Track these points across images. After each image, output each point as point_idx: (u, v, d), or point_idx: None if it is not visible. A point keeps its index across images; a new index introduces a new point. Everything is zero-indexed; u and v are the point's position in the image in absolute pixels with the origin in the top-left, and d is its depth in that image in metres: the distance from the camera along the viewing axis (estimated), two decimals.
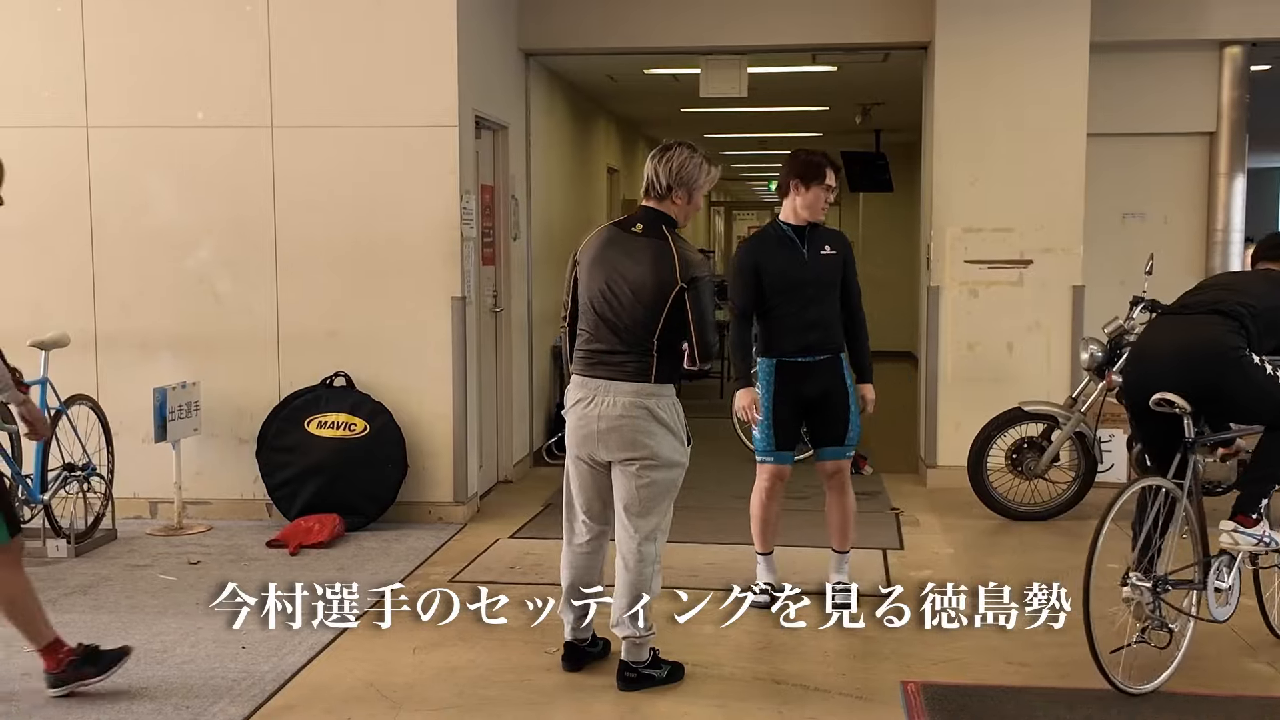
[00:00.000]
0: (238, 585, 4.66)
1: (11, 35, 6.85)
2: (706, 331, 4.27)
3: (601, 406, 4.28)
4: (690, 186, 4.34)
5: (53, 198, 6.86)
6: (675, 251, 4.25)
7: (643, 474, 4.30)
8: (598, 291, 4.31)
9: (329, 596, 4.68)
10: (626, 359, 4.27)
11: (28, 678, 4.47)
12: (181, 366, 6.92)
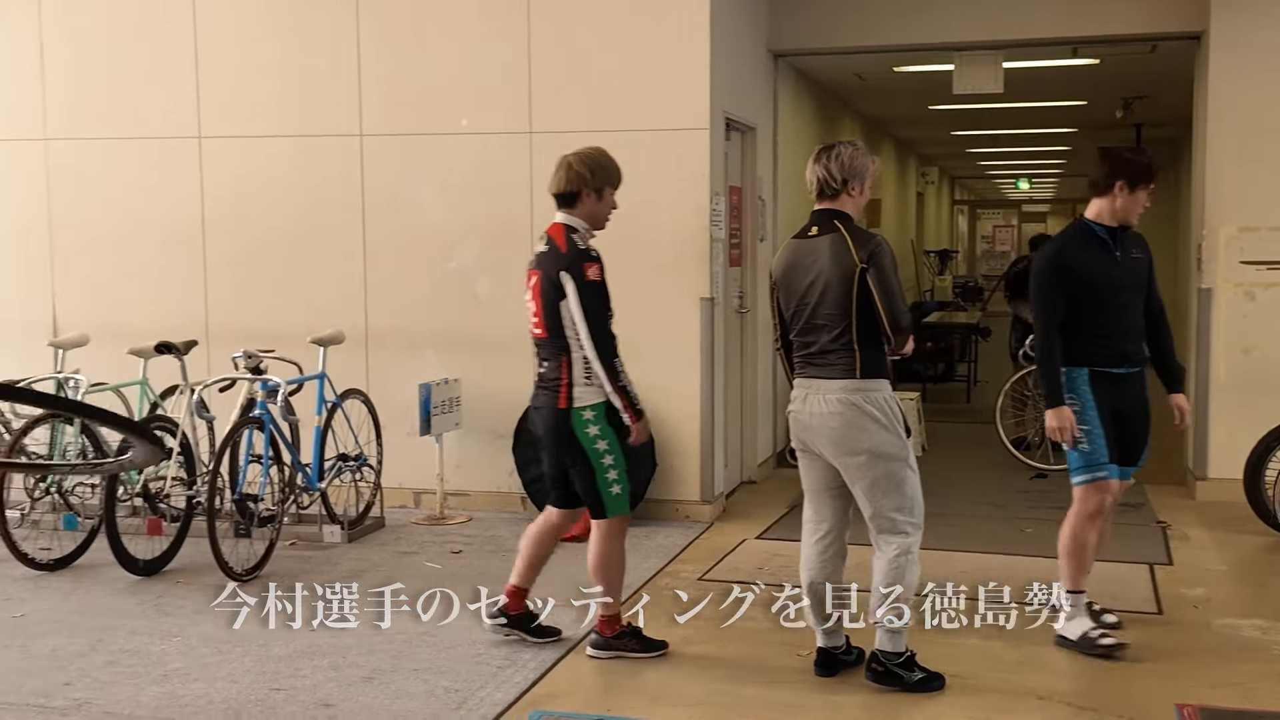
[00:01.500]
0: (497, 579, 4.84)
1: (300, 53, 7.29)
2: (894, 304, 4.25)
3: (812, 404, 4.34)
4: (862, 178, 4.40)
5: (328, 202, 7.29)
6: (847, 236, 4.31)
7: (863, 471, 4.30)
8: (795, 300, 4.40)
9: (587, 591, 4.80)
10: (832, 357, 4.31)
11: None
12: (444, 363, 7.22)
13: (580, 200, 4.66)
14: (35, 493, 6.21)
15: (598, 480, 4.62)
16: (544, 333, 4.64)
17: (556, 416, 4.60)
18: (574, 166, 4.67)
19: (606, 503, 4.65)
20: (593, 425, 4.56)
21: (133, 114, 7.44)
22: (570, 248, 4.57)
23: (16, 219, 7.63)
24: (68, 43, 7.47)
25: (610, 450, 4.60)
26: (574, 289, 4.51)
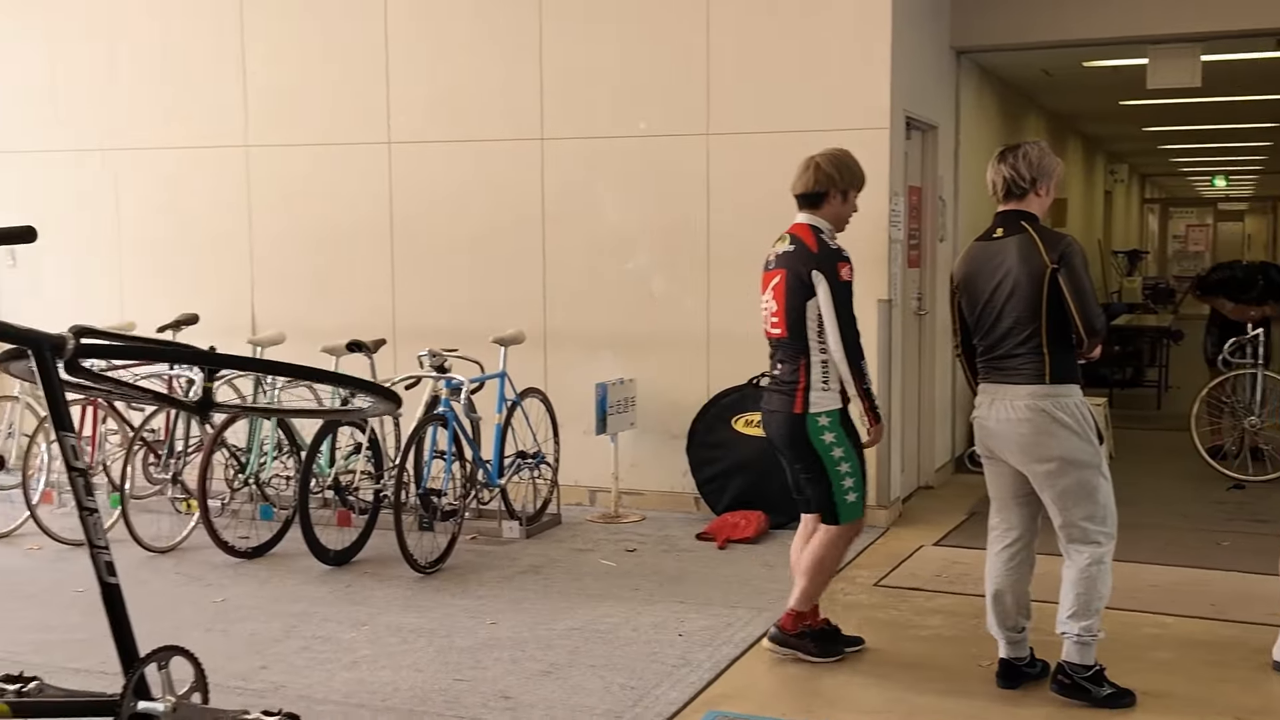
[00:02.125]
0: (670, 578, 4.87)
1: (482, 59, 7.47)
2: (1087, 304, 4.12)
3: (999, 410, 4.23)
4: (1050, 177, 4.30)
5: (510, 205, 7.45)
6: (1036, 237, 4.19)
7: (1053, 478, 4.17)
8: (980, 304, 4.30)
9: (765, 588, 4.79)
10: (1020, 361, 4.19)
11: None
12: (620, 363, 7.30)
13: (826, 201, 4.59)
14: (235, 484, 6.52)
15: (832, 487, 4.52)
16: (784, 332, 4.53)
17: (791, 422, 4.50)
18: (822, 167, 4.59)
19: (840, 510, 4.55)
20: (828, 432, 4.46)
21: (328, 120, 7.74)
22: (821, 247, 4.49)
23: (219, 222, 8.02)
24: (268, 51, 7.82)
25: (846, 457, 4.50)
26: (826, 288, 4.41)
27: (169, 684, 2.36)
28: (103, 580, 2.29)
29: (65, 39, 8.19)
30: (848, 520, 4.58)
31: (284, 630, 5.11)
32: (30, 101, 8.33)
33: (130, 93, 8.10)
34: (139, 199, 8.16)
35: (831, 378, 4.48)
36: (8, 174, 8.40)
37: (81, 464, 2.40)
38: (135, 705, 2.28)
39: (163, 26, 8.01)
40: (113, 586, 2.32)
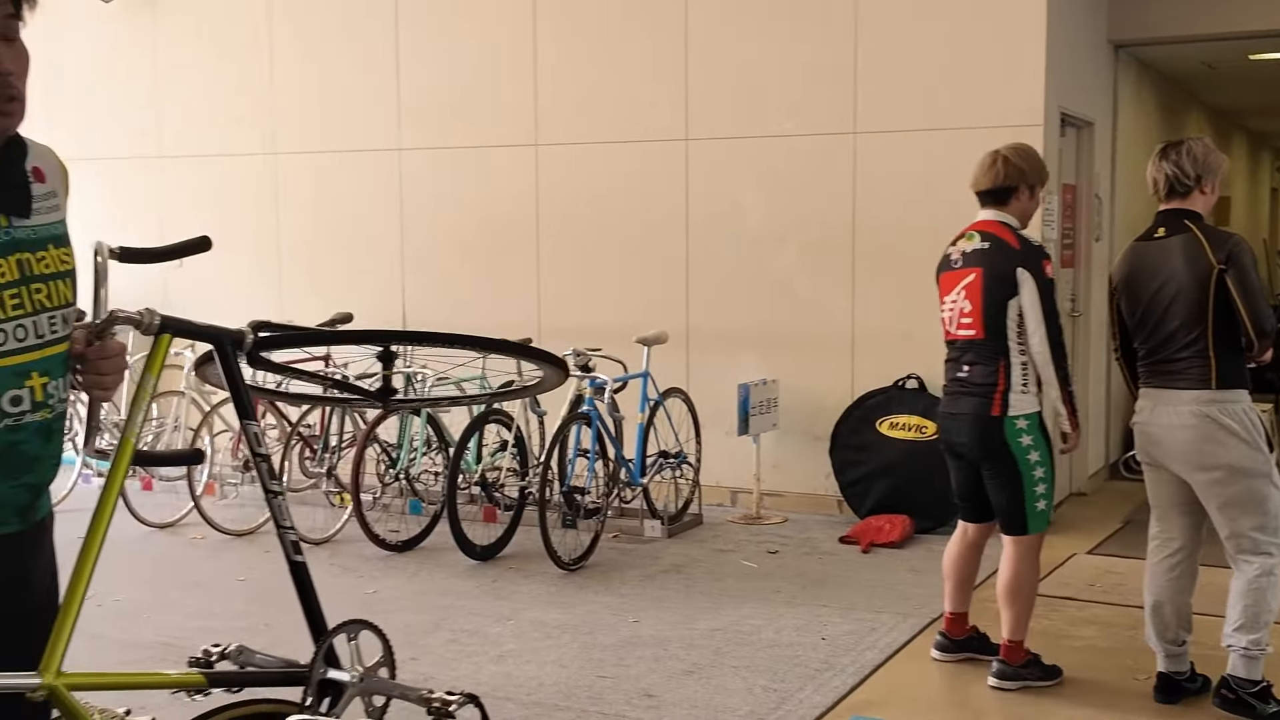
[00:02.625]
0: (813, 581, 4.83)
1: (625, 59, 7.52)
2: (1257, 305, 3.95)
3: (1161, 416, 4.09)
4: (1215, 174, 4.14)
5: (654, 205, 7.48)
6: (1201, 236, 4.04)
7: (1219, 487, 4.02)
8: (1141, 306, 4.16)
9: (910, 593, 4.72)
10: (1184, 365, 4.04)
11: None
12: (762, 364, 7.27)
13: (1015, 196, 4.42)
14: (385, 479, 6.69)
15: (1025, 493, 4.33)
16: (980, 333, 4.32)
17: (987, 424, 4.30)
18: (1011, 160, 4.41)
19: (1030, 518, 4.36)
20: (1026, 435, 4.29)
21: (477, 124, 7.88)
22: (1024, 243, 4.33)
23: (372, 224, 8.24)
24: (420, 56, 8.00)
25: (1041, 462, 4.33)
26: (1033, 286, 4.23)
27: (358, 656, 2.44)
28: (290, 558, 2.43)
29: (231, 48, 8.50)
30: (1035, 530, 4.38)
31: (433, 623, 5.22)
32: (197, 108, 8.66)
33: (290, 99, 8.37)
34: (297, 201, 8.44)
35: (1030, 380, 4.30)
36: (176, 177, 8.76)
37: (265, 450, 2.53)
38: (325, 672, 2.36)
39: (319, 34, 8.26)
40: (300, 564, 2.46)
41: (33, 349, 1.94)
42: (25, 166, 1.99)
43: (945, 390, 4.53)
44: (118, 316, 2.15)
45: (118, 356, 2.11)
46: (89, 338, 2.07)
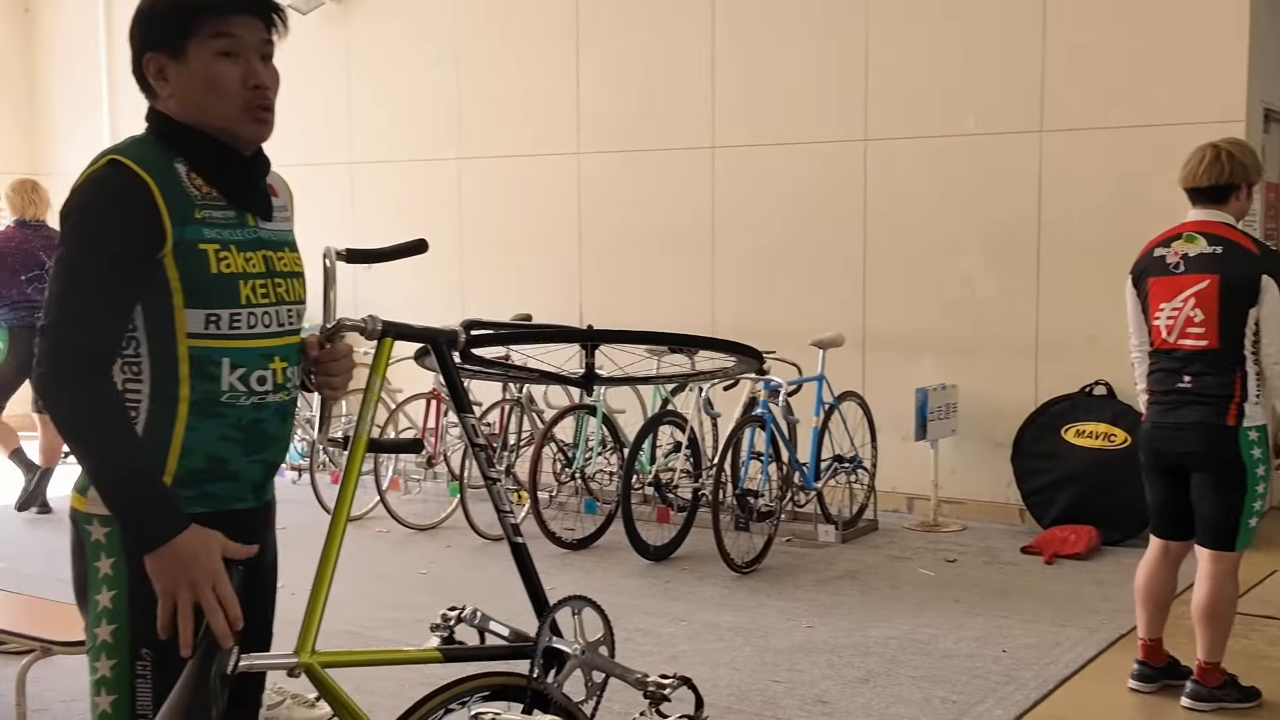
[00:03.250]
0: (993, 591, 4.69)
1: (808, 58, 7.47)
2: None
3: None
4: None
5: (832, 206, 7.40)
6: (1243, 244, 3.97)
7: None
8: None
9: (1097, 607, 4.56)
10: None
11: None
12: (941, 368, 7.13)
13: (1235, 195, 4.18)
14: (562, 477, 6.80)
15: (1244, 506, 4.13)
16: (1215, 343, 4.08)
17: (1220, 434, 4.09)
18: (1236, 156, 4.16)
19: (1241, 533, 4.17)
20: (1257, 447, 4.10)
21: (653, 127, 7.94)
22: (1262, 248, 4.13)
23: (551, 226, 8.38)
24: (599, 62, 8.11)
25: (1265, 477, 4.14)
26: (1275, 294, 4.01)
27: (581, 631, 2.51)
28: (511, 540, 2.56)
29: (419, 58, 8.76)
30: (1242, 545, 4.17)
31: None
32: (387, 115, 8.96)
33: (474, 106, 8.59)
34: (480, 204, 8.64)
35: (1264, 391, 4.09)
36: (367, 182, 9.08)
37: (482, 441, 2.65)
38: (549, 640, 2.47)
39: (503, 42, 8.44)
40: (520, 545, 2.57)
41: (275, 335, 2.18)
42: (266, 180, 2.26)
43: (1158, 400, 4.24)
44: (344, 324, 2.33)
45: (345, 358, 2.32)
46: (320, 342, 2.29)
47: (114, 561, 2.10)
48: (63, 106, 10.47)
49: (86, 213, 2.05)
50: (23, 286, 7.16)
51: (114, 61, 10.03)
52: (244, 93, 2.14)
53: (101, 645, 2.11)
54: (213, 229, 2.11)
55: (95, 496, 2.09)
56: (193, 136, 2.14)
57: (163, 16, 2.12)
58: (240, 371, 2.12)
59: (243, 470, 2.18)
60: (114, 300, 2.03)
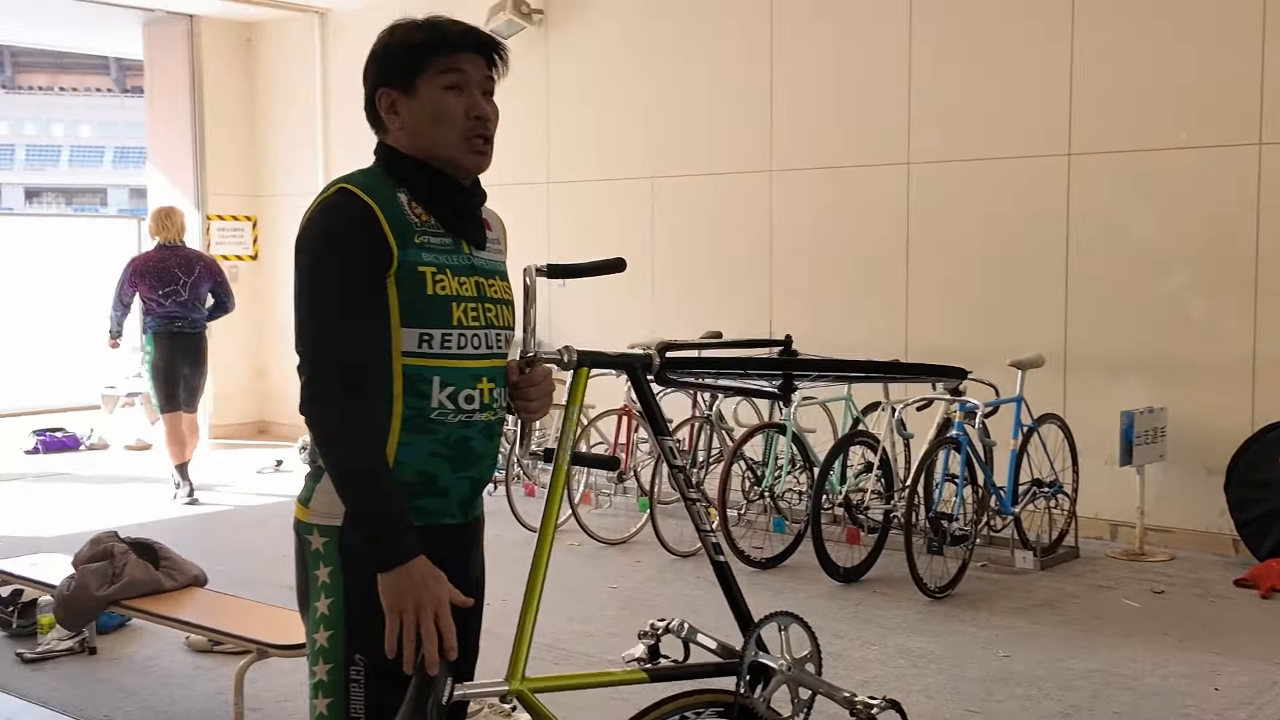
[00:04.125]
0: (1203, 625, 4.47)
1: (1004, 71, 7.30)
2: None
3: None
4: None
5: (1032, 223, 7.19)
6: None
7: None
8: None
9: None
10: None
11: None
12: (1148, 390, 6.84)
13: None
14: (750, 495, 6.79)
15: None
16: None
17: None
18: None
19: None
20: None
21: (847, 143, 7.87)
22: None
23: (742, 244, 8.38)
24: (791, 80, 8.09)
25: None
26: None
27: (787, 647, 2.53)
28: (713, 559, 2.57)
29: (613, 78, 8.92)
30: None
31: None
32: (582, 135, 9.14)
33: (667, 124, 8.68)
34: (671, 223, 8.72)
35: None
36: (562, 201, 9.28)
37: (680, 462, 2.67)
38: (755, 654, 2.49)
39: (694, 59, 8.51)
40: (722, 564, 2.58)
41: (483, 357, 2.29)
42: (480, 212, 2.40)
43: None
44: (541, 355, 2.41)
45: (544, 383, 2.41)
46: (519, 367, 2.38)
47: (331, 570, 2.22)
48: (279, 131, 11.04)
49: (324, 238, 2.19)
50: (161, 299, 8.15)
51: (328, 90, 10.54)
52: (466, 123, 2.28)
53: (319, 650, 2.22)
54: (430, 253, 2.23)
55: (317, 507, 2.23)
56: (416, 167, 2.28)
57: (396, 55, 2.29)
58: (449, 390, 2.22)
59: (451, 486, 2.28)
60: (365, 318, 2.16)
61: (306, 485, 2.28)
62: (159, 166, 11.21)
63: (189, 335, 8.24)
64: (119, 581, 4.66)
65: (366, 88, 2.33)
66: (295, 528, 2.30)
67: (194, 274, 8.23)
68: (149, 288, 8.16)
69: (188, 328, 8.21)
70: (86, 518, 7.71)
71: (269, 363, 11.22)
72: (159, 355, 8.20)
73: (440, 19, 2.32)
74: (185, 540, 6.12)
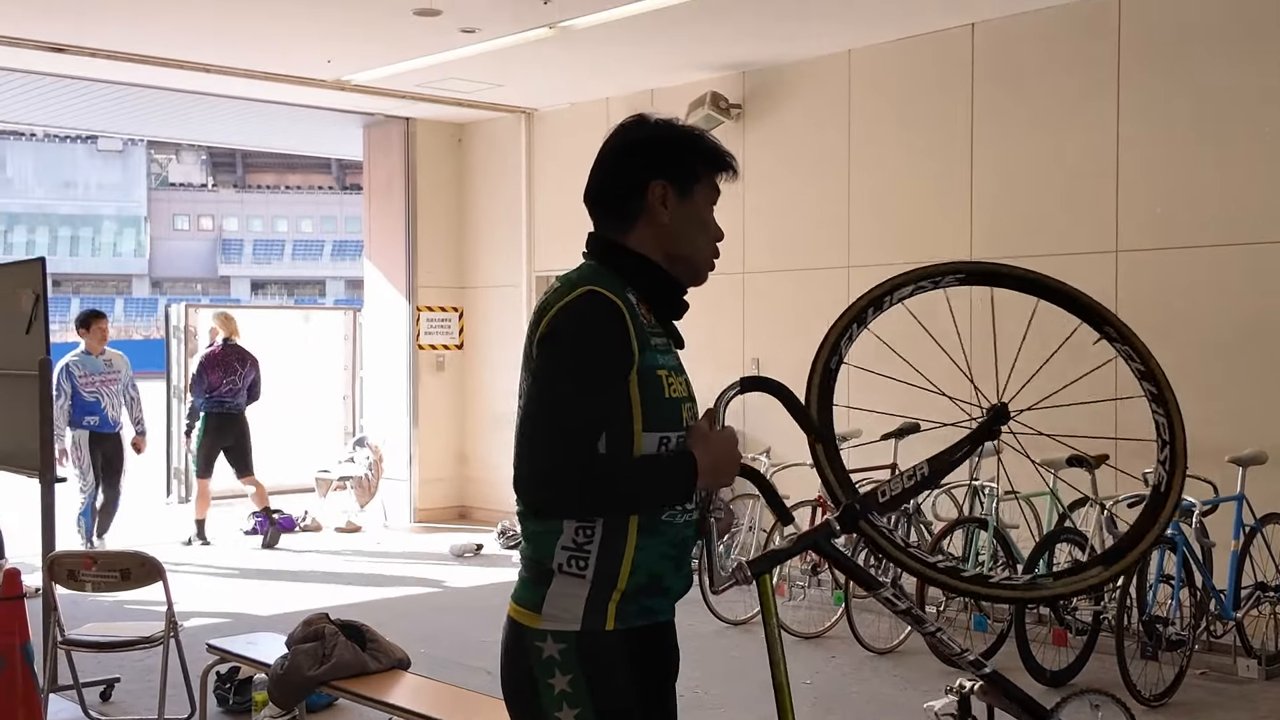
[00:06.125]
0: None
1: (1230, 159, 7.04)
2: None
3: None
4: None
5: (1254, 309, 6.86)
6: None
7: None
8: None
9: None
10: None
11: None
12: None
13: None
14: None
15: None
16: None
17: None
18: None
19: None
20: None
21: (1048, 230, 7.69)
22: None
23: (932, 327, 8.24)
24: (993, 164, 7.99)
25: None
26: None
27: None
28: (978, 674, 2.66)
29: (809, 171, 8.98)
30: None
31: None
32: (777, 225, 9.21)
33: (862, 214, 8.66)
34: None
35: None
36: (761, 290, 9.33)
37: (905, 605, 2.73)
38: None
39: (889, 150, 8.49)
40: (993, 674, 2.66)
41: None
42: None
43: None
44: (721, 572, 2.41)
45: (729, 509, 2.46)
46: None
47: (572, 679, 2.21)
48: (485, 225, 11.47)
49: (575, 339, 2.22)
50: (220, 386, 10.03)
51: (532, 186, 10.91)
52: (714, 241, 2.45)
53: None
54: (661, 355, 2.30)
55: (551, 613, 2.23)
56: (648, 267, 2.35)
57: (680, 156, 2.38)
58: None
59: (673, 585, 2.33)
60: (600, 415, 2.22)
61: (531, 590, 2.27)
62: (374, 260, 11.79)
63: (235, 415, 10.11)
64: (329, 663, 4.84)
65: (625, 171, 2.37)
66: (517, 632, 2.27)
67: (245, 365, 10.13)
68: (217, 376, 10.02)
69: (233, 409, 10.08)
70: (300, 597, 8.04)
71: (471, 449, 11.55)
72: (210, 432, 10.06)
73: (708, 134, 2.47)
74: (389, 622, 6.31)
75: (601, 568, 2.21)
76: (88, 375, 9.30)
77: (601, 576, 2.21)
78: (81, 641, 5.37)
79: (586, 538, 2.21)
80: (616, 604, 2.21)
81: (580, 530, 2.22)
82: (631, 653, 2.26)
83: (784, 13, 7.81)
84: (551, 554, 2.23)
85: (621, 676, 2.22)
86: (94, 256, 64.82)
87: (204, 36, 8.39)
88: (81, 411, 9.26)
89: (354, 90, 9.94)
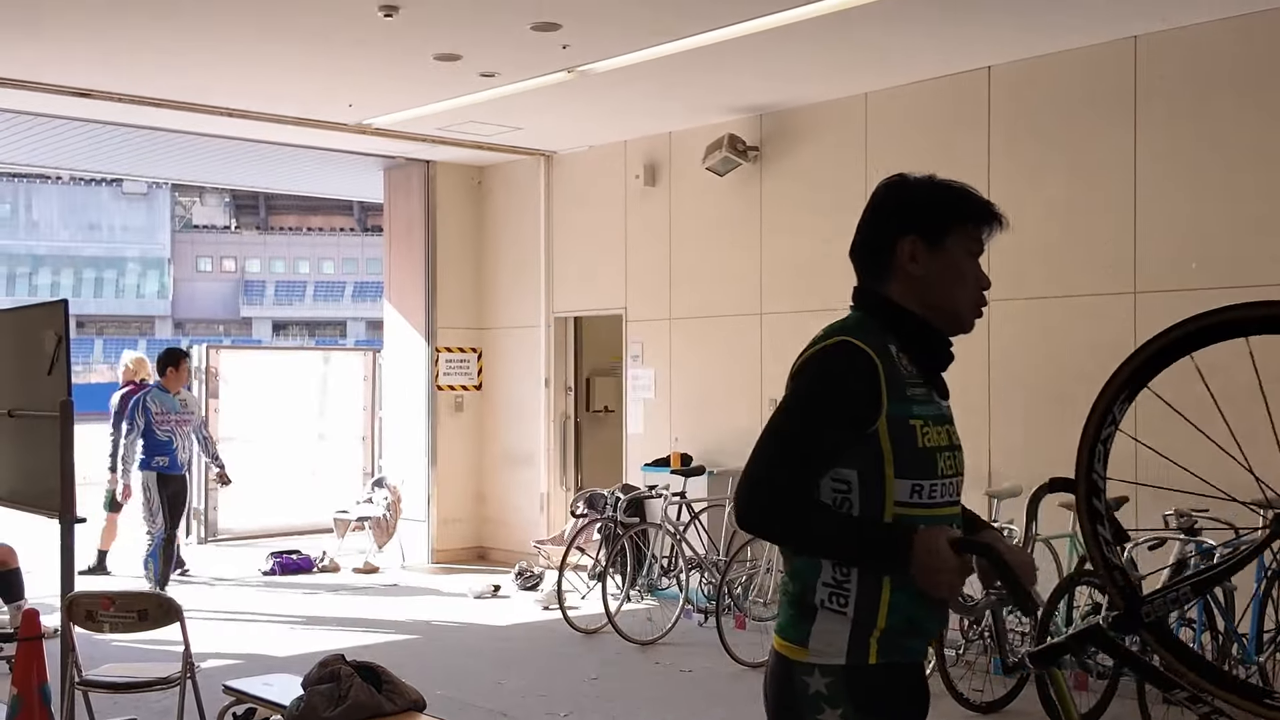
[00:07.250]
0: None
1: (1226, 201, 7.04)
2: None
3: None
4: None
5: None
6: None
7: None
8: None
9: None
10: None
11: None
12: None
13: None
14: (969, 634, 6.55)
15: None
16: None
17: None
18: None
19: None
20: None
21: (1068, 271, 7.69)
22: None
23: (961, 373, 8.22)
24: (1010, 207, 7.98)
25: None
26: None
27: None
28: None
29: (826, 212, 9.01)
30: None
31: None
32: (793, 266, 9.23)
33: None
34: None
35: None
36: (779, 330, 9.34)
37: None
38: None
39: None
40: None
41: (952, 505, 2.44)
42: None
43: None
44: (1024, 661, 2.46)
45: None
46: None
47: (843, 712, 2.29)
48: (504, 267, 11.54)
49: (817, 379, 2.39)
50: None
51: (550, 227, 10.97)
52: (977, 289, 2.51)
53: None
54: (918, 405, 2.37)
55: (818, 647, 2.31)
56: (911, 319, 2.45)
57: (929, 211, 2.49)
58: None
59: (927, 627, 2.37)
60: (820, 455, 2.32)
61: (796, 626, 2.36)
62: (393, 300, 11.87)
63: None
64: (344, 704, 4.82)
65: (878, 232, 2.53)
66: (784, 666, 2.36)
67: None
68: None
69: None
70: (316, 639, 8.04)
71: (489, 489, 11.56)
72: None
73: (969, 187, 2.52)
74: (406, 662, 6.30)
75: (861, 605, 2.29)
76: (164, 413, 9.27)
77: (862, 614, 2.29)
78: (99, 682, 5.37)
79: (844, 575, 2.31)
80: (878, 640, 2.29)
81: (838, 569, 2.31)
82: (893, 687, 2.34)
83: (801, 56, 7.87)
84: (814, 590, 2.33)
85: (889, 709, 2.31)
86: (118, 298, 65.44)
87: (228, 82, 8.51)
88: (152, 452, 9.20)
89: (375, 134, 10.05)
